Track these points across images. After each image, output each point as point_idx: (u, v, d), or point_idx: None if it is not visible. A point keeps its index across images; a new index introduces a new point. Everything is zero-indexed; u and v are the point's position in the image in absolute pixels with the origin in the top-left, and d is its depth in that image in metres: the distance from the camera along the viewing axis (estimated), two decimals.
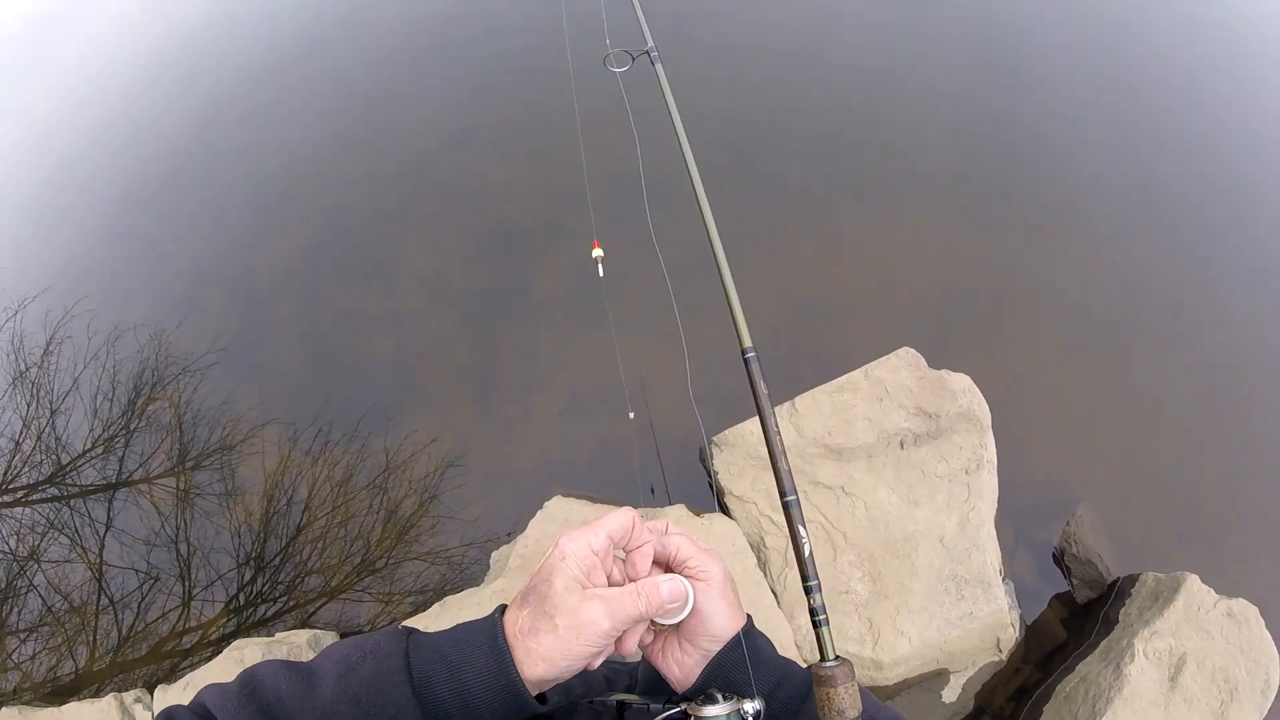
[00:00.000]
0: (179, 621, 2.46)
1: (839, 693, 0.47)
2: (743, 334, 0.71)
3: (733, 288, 0.76)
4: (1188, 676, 1.77)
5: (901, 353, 2.00)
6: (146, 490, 2.65)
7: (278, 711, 0.43)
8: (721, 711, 0.47)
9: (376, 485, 2.29)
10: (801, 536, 0.59)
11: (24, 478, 3.03)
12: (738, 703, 0.48)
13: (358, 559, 2.26)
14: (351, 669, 0.44)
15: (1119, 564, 2.21)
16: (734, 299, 0.73)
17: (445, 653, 0.44)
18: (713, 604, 0.48)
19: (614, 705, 0.56)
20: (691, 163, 0.80)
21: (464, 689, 0.43)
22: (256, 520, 2.40)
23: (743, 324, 0.72)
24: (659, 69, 0.90)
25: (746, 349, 0.70)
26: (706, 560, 0.49)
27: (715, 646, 0.49)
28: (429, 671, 0.43)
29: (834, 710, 0.47)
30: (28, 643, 2.64)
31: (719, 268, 0.77)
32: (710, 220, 0.77)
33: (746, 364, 0.69)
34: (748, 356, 0.70)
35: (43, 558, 2.77)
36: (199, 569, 2.45)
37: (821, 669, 0.49)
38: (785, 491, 0.62)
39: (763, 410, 0.66)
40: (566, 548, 0.46)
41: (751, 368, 0.69)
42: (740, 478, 1.88)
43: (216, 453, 2.54)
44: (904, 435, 1.95)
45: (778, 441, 0.64)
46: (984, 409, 2.00)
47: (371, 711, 0.42)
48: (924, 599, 1.90)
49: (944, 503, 1.94)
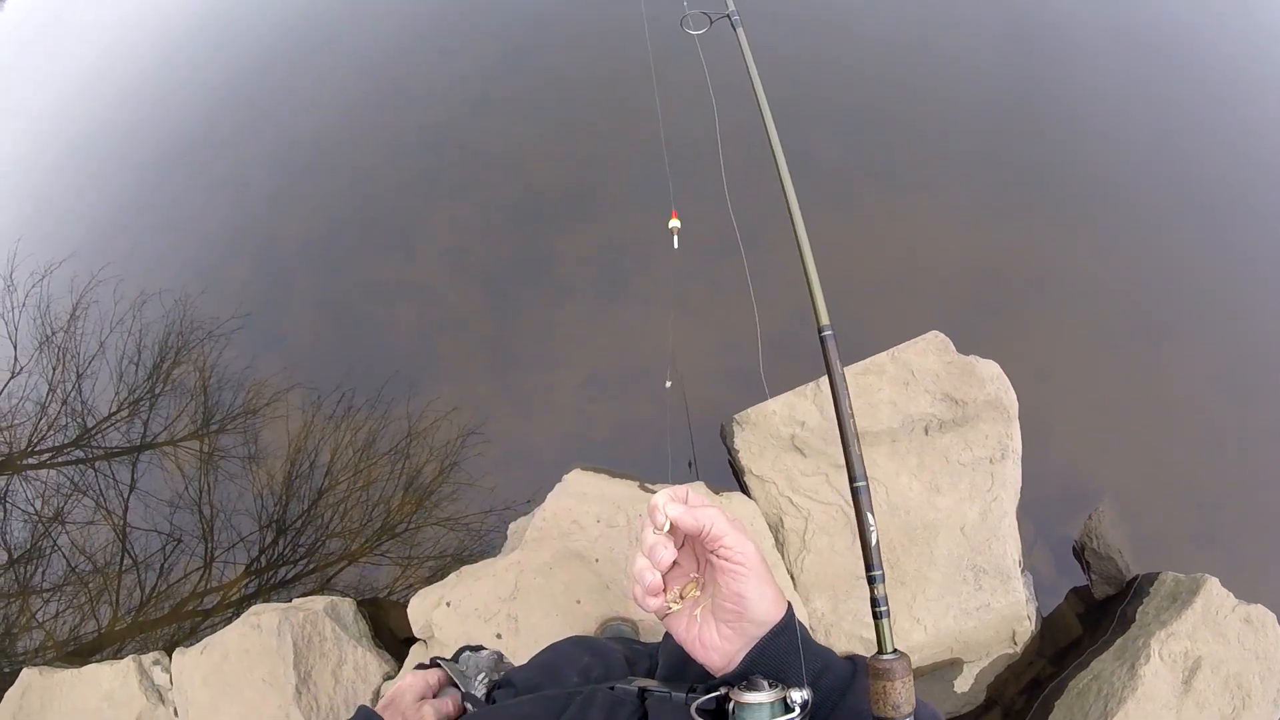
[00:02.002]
0: (200, 583, 2.50)
1: (895, 687, 0.46)
2: (820, 311, 0.68)
3: (813, 266, 0.72)
4: (1201, 681, 1.75)
5: (930, 336, 1.96)
6: (171, 453, 2.69)
7: None
8: (766, 699, 0.45)
9: (398, 451, 2.31)
10: (869, 525, 0.56)
11: (50, 440, 3.10)
12: (783, 690, 0.46)
13: (378, 523, 2.28)
14: None
15: (1139, 561, 2.18)
16: (813, 277, 0.71)
17: None
18: (755, 588, 0.46)
19: (635, 692, 0.54)
20: (773, 132, 0.77)
21: None
22: (279, 484, 2.43)
23: (821, 302, 0.69)
24: (740, 34, 0.87)
25: (823, 327, 0.67)
26: (743, 541, 0.47)
27: (759, 631, 0.47)
28: None
29: (889, 705, 0.45)
30: (51, 602, 2.71)
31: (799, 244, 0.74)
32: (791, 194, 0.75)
33: (823, 342, 0.66)
34: (824, 335, 0.66)
35: (67, 519, 2.83)
36: (221, 531, 2.49)
37: (880, 662, 0.47)
38: (855, 477, 0.59)
39: (837, 391, 0.63)
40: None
41: (828, 346, 0.65)
42: (760, 457, 1.87)
43: (240, 417, 2.57)
44: (929, 421, 1.92)
45: (851, 425, 0.61)
46: (1011, 398, 1.97)
47: None
48: (941, 588, 1.89)
49: (966, 491, 1.91)
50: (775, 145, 0.81)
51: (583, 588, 1.79)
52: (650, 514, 0.49)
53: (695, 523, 0.47)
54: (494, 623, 1.77)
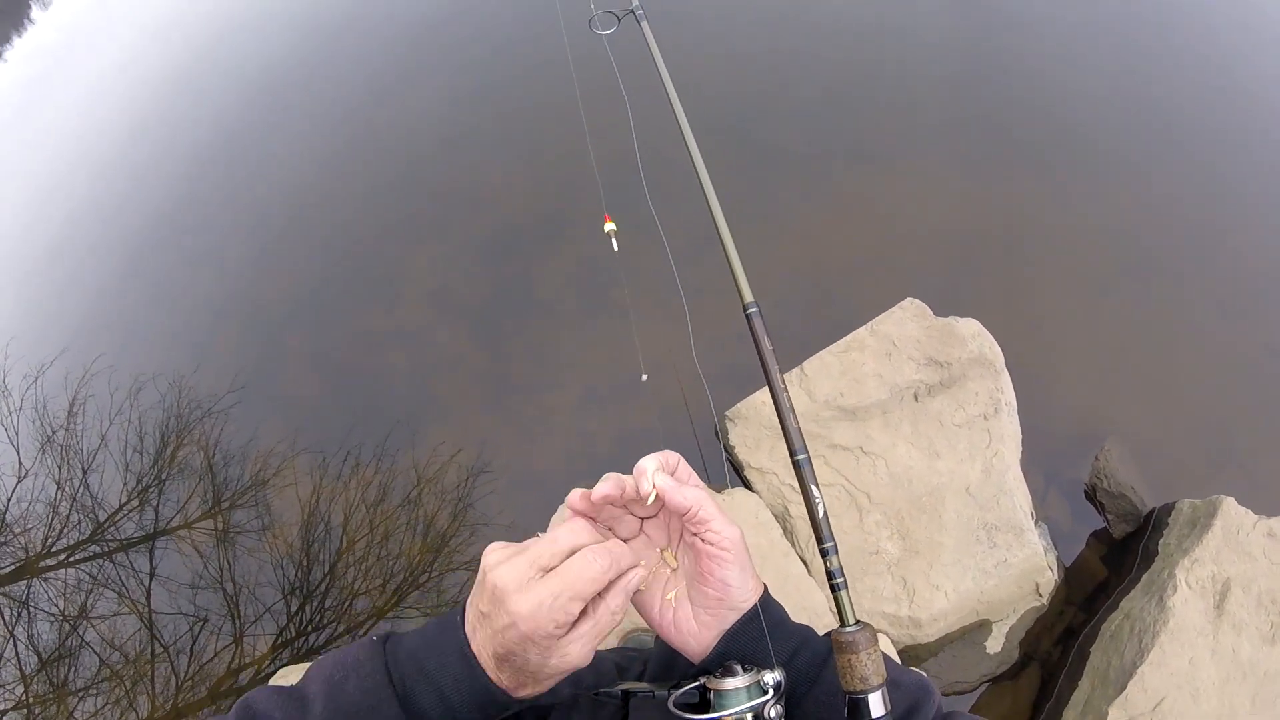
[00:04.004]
0: (233, 659, 2.50)
1: (860, 659, 0.45)
2: (743, 290, 0.67)
3: (731, 243, 0.70)
4: (1234, 602, 1.73)
5: (905, 304, 1.99)
6: (186, 535, 2.70)
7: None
8: (741, 684, 0.46)
9: (410, 501, 2.33)
10: (815, 497, 0.56)
11: (65, 539, 3.10)
12: (757, 674, 0.46)
13: (400, 576, 2.29)
14: (337, 688, 0.44)
15: (1153, 495, 2.18)
16: (732, 254, 0.69)
17: (421, 661, 0.45)
18: (733, 574, 0.46)
19: (619, 695, 0.54)
20: (683, 121, 0.79)
21: (443, 695, 0.44)
22: (297, 550, 2.44)
23: (743, 279, 0.68)
24: (645, 28, 0.90)
25: (748, 304, 0.66)
26: (726, 525, 0.46)
27: (733, 615, 0.48)
28: (410, 684, 0.44)
29: (856, 677, 0.45)
30: (87, 700, 2.71)
31: (715, 223, 0.72)
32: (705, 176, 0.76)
33: (749, 320, 0.65)
34: (750, 312, 0.65)
35: (92, 614, 2.83)
36: (246, 605, 2.50)
37: (842, 635, 0.46)
38: (795, 450, 0.58)
39: (768, 367, 0.63)
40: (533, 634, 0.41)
41: (754, 323, 0.64)
42: (757, 449, 1.89)
43: (250, 489, 2.59)
44: (917, 387, 1.95)
45: (785, 399, 0.61)
46: (996, 351, 1.99)
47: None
48: (956, 551, 1.89)
49: (965, 451, 1.93)
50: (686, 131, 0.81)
51: None
52: (636, 478, 0.47)
53: (682, 501, 0.45)
54: None
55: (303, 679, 0.47)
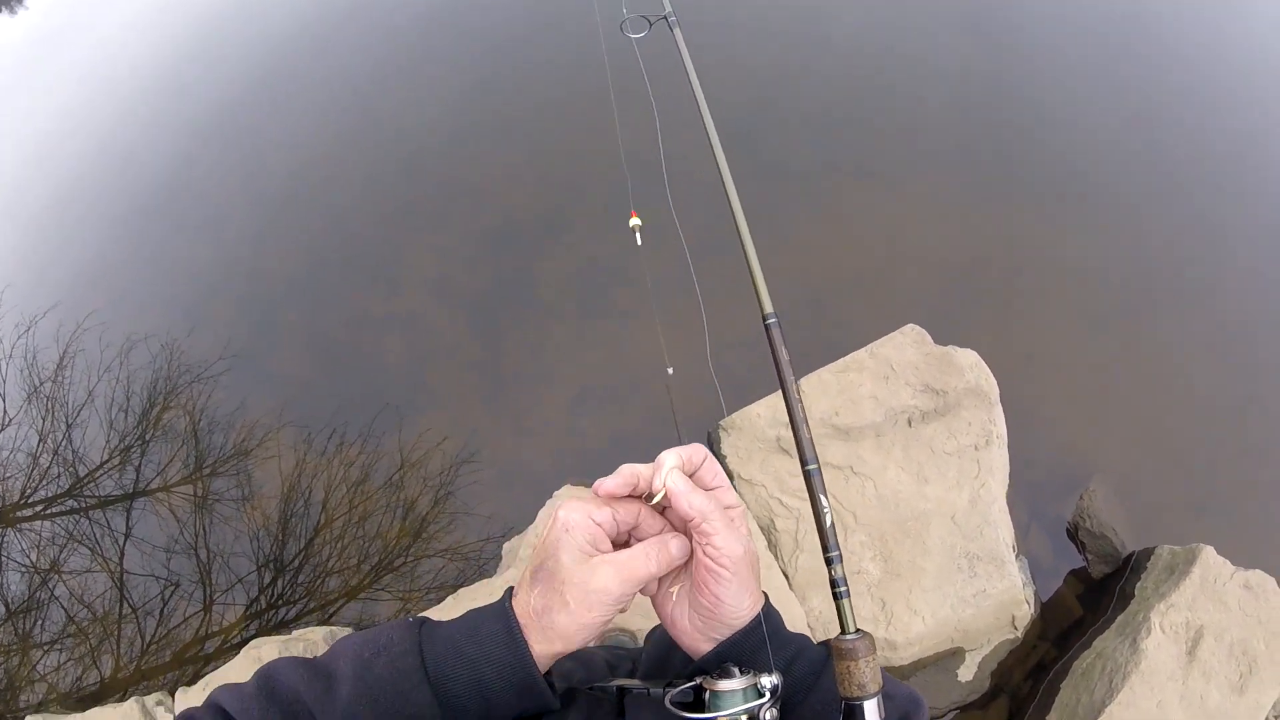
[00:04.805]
0: (201, 626, 2.49)
1: (859, 666, 0.46)
2: (764, 300, 0.67)
3: (753, 253, 0.71)
4: (1205, 650, 1.75)
5: (906, 330, 2.00)
6: (164, 498, 2.68)
7: (298, 710, 0.43)
8: (738, 686, 0.46)
9: (392, 484, 2.32)
10: (823, 506, 0.56)
11: (42, 491, 3.08)
12: (754, 677, 0.47)
13: (376, 558, 2.28)
14: (366, 667, 0.43)
15: (1134, 538, 2.20)
16: (755, 264, 0.70)
17: (460, 646, 0.44)
18: (733, 593, 0.46)
19: (614, 691, 0.54)
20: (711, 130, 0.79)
21: (482, 684, 0.43)
22: (274, 523, 2.43)
23: (764, 289, 0.68)
24: (677, 35, 0.89)
25: (768, 315, 0.66)
26: (730, 542, 0.45)
27: (725, 630, 0.48)
28: (445, 668, 0.43)
29: (854, 684, 0.46)
30: (51, 654, 2.68)
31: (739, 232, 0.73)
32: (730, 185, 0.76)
33: (767, 330, 0.65)
34: (769, 323, 0.65)
35: (64, 569, 2.81)
36: (219, 574, 2.48)
37: (842, 642, 0.47)
38: (806, 460, 0.58)
39: (784, 378, 0.63)
40: (570, 520, 0.44)
41: (773, 334, 0.64)
42: (749, 461, 1.89)
43: (232, 458, 2.57)
44: (911, 413, 1.95)
45: (800, 410, 0.61)
46: (991, 384, 2.00)
47: (391, 710, 0.42)
48: (937, 577, 1.90)
49: (954, 479, 1.94)
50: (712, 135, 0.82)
51: None
52: (655, 469, 0.47)
53: (687, 509, 0.45)
54: None
55: (328, 654, 0.46)
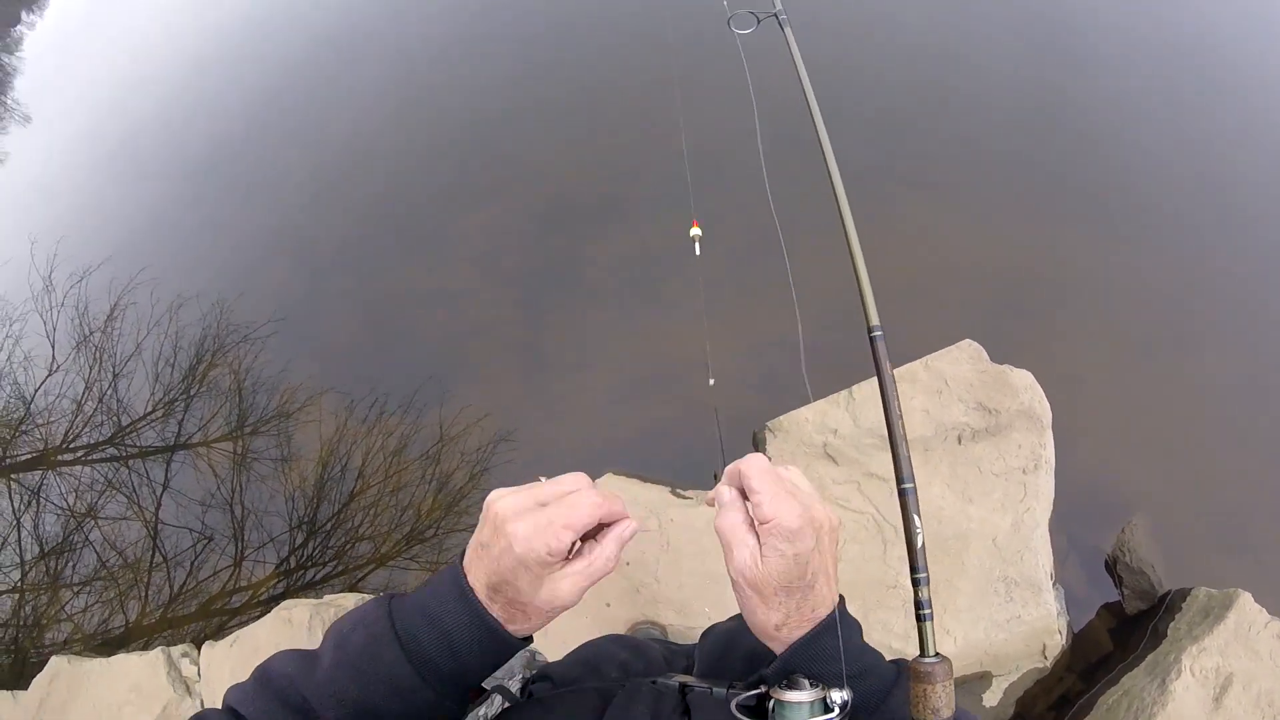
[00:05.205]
0: (230, 581, 2.54)
1: (936, 690, 0.46)
2: (870, 311, 0.68)
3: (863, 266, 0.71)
4: (1232, 698, 1.70)
5: (963, 345, 1.96)
6: (204, 453, 2.74)
7: (290, 694, 0.45)
8: (805, 699, 0.45)
9: (429, 456, 2.34)
10: (916, 527, 0.56)
11: (85, 438, 3.17)
12: (823, 690, 0.46)
13: (407, 527, 2.31)
14: (345, 639, 0.46)
15: (1171, 576, 2.14)
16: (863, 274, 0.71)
17: (423, 605, 0.46)
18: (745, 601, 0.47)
19: (676, 687, 0.54)
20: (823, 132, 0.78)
21: (447, 636, 0.45)
22: (310, 486, 2.47)
23: (870, 300, 0.69)
24: (788, 33, 0.89)
25: (874, 327, 0.67)
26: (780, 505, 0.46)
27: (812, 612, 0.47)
28: (411, 627, 0.45)
29: (929, 708, 0.45)
30: (81, 596, 2.77)
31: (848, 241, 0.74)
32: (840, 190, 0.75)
33: (872, 342, 0.66)
34: (874, 335, 0.66)
35: (100, 515, 2.90)
36: (252, 531, 2.53)
37: (921, 664, 0.47)
38: (903, 478, 0.59)
39: (886, 392, 0.63)
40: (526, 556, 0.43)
41: (878, 347, 0.65)
42: (791, 465, 1.87)
43: (274, 419, 2.62)
44: (962, 430, 1.91)
45: (900, 426, 0.61)
46: (1045, 407, 1.95)
47: (366, 671, 0.44)
48: (972, 599, 1.87)
49: (999, 502, 1.90)
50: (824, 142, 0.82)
51: (613, 590, 1.80)
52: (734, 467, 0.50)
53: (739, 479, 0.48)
54: None
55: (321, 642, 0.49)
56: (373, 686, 0.44)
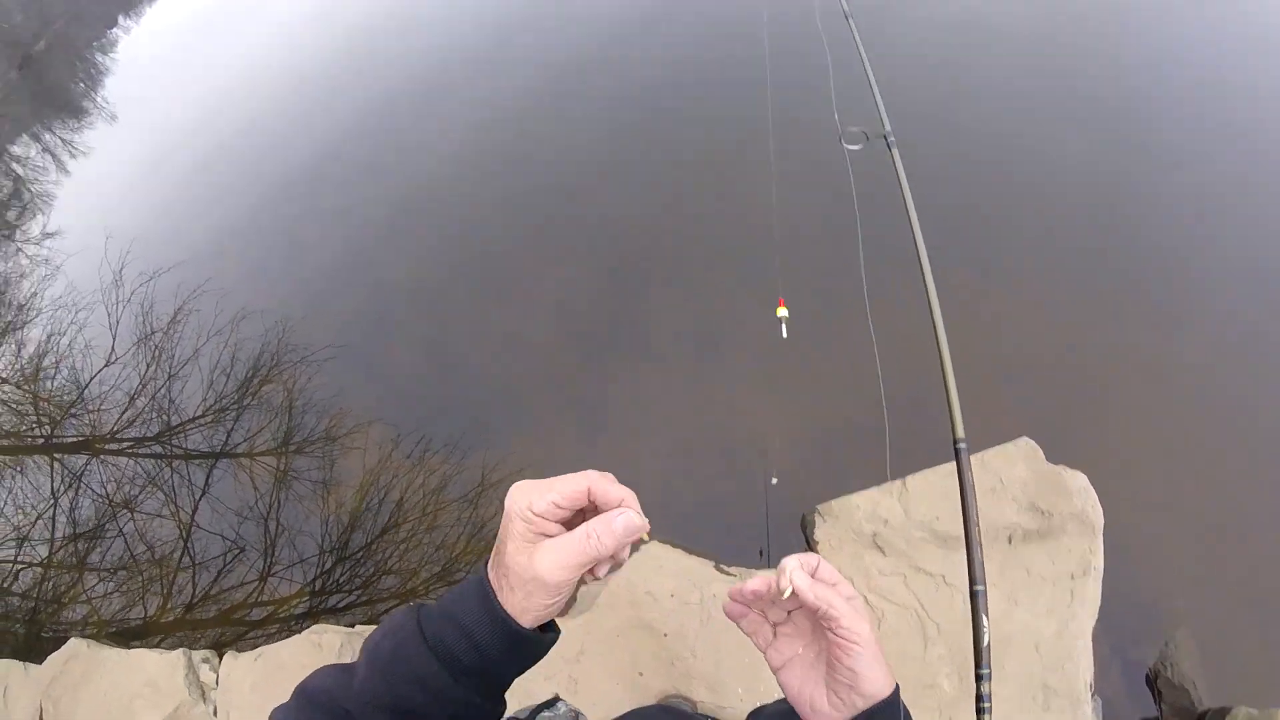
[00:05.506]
0: (254, 594, 2.57)
1: None
2: (958, 424, 0.78)
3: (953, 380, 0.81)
4: None
5: (1020, 442, 1.94)
6: (247, 464, 2.81)
7: (332, 707, 0.48)
8: None
9: (468, 499, 2.36)
10: (984, 627, 0.61)
11: (132, 432, 3.27)
12: None
13: (437, 567, 2.32)
14: (376, 647, 0.49)
15: (1212, 694, 2.05)
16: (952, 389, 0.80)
17: (448, 609, 0.49)
18: (867, 664, 0.49)
19: None
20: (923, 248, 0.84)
21: (470, 635, 0.48)
22: (346, 513, 2.50)
23: (959, 414, 0.78)
24: (895, 154, 0.95)
25: (959, 439, 0.76)
26: (856, 622, 0.49)
27: (862, 703, 0.50)
28: (438, 630, 0.48)
29: None
30: (104, 582, 2.82)
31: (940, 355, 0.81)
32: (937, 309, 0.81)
33: (957, 453, 0.76)
34: (959, 447, 0.76)
35: (136, 508, 2.97)
36: (283, 549, 2.57)
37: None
38: (975, 580, 0.65)
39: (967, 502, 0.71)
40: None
41: (961, 458, 0.75)
42: (839, 551, 1.86)
43: (320, 441, 2.68)
44: (1014, 530, 1.88)
45: (976, 532, 0.69)
46: (1098, 512, 1.91)
47: (398, 675, 0.47)
48: (1009, 705, 1.81)
49: (1045, 607, 1.85)
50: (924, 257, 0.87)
51: (647, 659, 1.78)
52: (778, 574, 0.52)
53: (813, 600, 0.50)
54: (555, 681, 1.77)
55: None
56: (405, 687, 0.47)
